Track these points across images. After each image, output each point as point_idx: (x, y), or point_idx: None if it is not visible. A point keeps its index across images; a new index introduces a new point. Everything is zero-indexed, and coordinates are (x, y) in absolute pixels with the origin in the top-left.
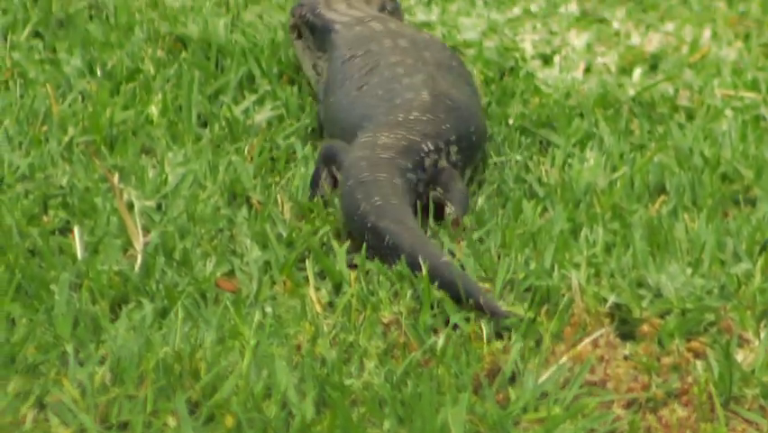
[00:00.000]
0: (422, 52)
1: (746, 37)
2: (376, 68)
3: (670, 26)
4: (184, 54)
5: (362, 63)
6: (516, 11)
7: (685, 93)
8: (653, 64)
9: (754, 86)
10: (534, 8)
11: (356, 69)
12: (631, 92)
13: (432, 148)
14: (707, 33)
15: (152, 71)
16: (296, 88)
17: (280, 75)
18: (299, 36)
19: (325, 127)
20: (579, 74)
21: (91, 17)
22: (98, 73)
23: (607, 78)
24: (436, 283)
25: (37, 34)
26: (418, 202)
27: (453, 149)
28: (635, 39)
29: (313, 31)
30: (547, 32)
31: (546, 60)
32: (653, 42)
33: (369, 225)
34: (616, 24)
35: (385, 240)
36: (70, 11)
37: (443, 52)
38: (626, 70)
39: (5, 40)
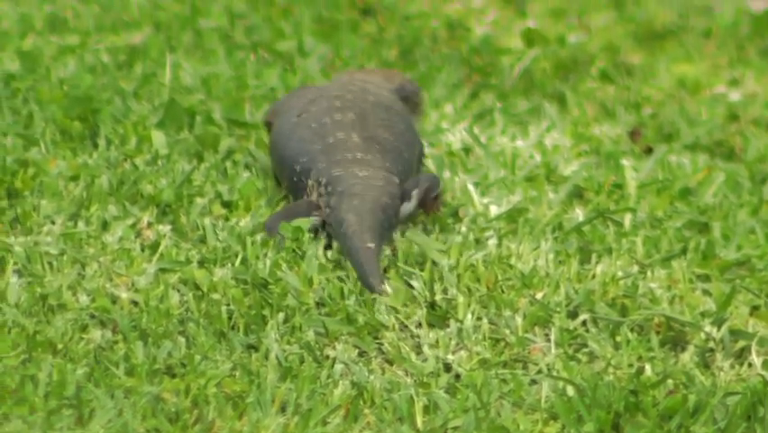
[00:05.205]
0: (366, 95)
1: None
2: (318, 98)
3: None
4: None
5: (309, 93)
6: None
7: None
8: None
9: None
10: None
11: (303, 98)
12: None
13: (397, 181)
14: None
15: None
16: None
17: None
18: None
19: (271, 158)
20: None
21: None
22: None
23: None
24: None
25: None
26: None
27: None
28: None
29: None
30: None
31: None
32: None
33: (343, 232)
34: None
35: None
36: None
37: (388, 95)
38: None
39: None
